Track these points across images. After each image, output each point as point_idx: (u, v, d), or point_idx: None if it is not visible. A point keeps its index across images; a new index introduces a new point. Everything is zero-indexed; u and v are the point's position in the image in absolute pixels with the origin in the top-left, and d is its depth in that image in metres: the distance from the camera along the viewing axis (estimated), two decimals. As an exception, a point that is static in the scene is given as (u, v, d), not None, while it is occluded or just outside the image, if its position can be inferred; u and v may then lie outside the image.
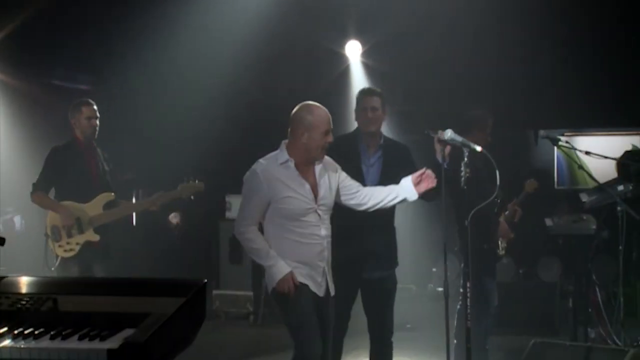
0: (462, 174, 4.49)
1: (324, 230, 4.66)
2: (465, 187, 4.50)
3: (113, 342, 2.50)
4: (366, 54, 10.76)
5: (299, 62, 10.33)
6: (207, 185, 6.67)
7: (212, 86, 9.70)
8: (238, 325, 9.27)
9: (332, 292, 4.75)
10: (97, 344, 2.52)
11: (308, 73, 10.35)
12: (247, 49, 9.37)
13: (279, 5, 9.12)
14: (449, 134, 4.51)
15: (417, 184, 4.67)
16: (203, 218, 10.34)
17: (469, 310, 4.44)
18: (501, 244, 6.67)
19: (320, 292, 4.67)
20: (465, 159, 4.51)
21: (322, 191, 4.66)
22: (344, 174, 4.84)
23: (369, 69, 10.80)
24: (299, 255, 4.59)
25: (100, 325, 2.63)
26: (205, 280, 2.79)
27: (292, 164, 4.61)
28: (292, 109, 4.67)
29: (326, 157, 4.75)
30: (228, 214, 9.57)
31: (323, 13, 9.68)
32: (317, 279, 4.65)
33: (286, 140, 4.70)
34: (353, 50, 10.74)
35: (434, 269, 10.59)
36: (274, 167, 4.61)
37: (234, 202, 9.39)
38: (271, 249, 4.59)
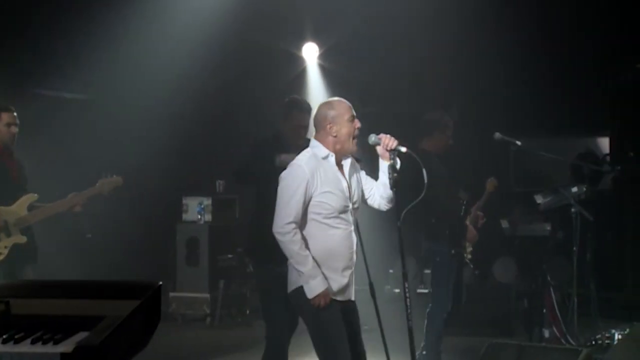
0: (389, 176, 4.48)
1: (354, 235, 4.60)
2: (394, 189, 4.49)
3: (67, 346, 2.46)
4: (323, 56, 10.77)
5: (256, 63, 10.30)
6: (164, 187, 6.60)
7: (169, 88, 9.62)
8: (195, 327, 9.22)
9: (353, 297, 4.68)
10: (50, 348, 2.48)
11: (265, 74, 10.32)
12: (203, 50, 9.32)
13: (236, 6, 9.09)
14: (372, 138, 4.53)
15: (383, 154, 4.58)
16: (159, 220, 10.27)
17: (409, 311, 4.39)
18: (467, 248, 6.70)
19: (345, 297, 4.59)
20: (392, 161, 4.50)
21: (354, 189, 4.61)
22: (363, 172, 4.78)
23: (326, 71, 10.82)
24: (330, 256, 4.49)
25: (53, 329, 2.59)
26: (161, 283, 2.77)
27: (333, 158, 4.54)
28: (250, 110, 4.66)
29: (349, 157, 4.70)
30: (185, 216, 9.51)
31: (280, 15, 9.67)
32: (343, 283, 4.56)
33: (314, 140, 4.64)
34: (310, 52, 10.74)
35: (390, 270, 10.63)
36: (316, 161, 4.52)
37: (191, 204, 9.35)
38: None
